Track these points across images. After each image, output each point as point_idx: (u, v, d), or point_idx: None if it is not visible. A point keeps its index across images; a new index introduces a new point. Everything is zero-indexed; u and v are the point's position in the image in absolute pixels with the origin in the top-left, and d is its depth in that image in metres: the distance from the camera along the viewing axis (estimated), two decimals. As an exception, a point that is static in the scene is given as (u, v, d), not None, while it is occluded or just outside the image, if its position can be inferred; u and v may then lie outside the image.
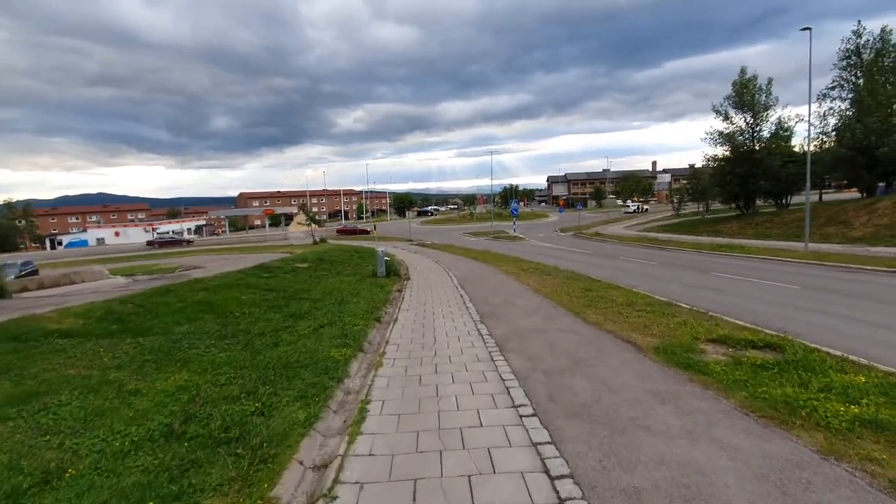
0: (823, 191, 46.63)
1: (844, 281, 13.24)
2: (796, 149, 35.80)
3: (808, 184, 21.01)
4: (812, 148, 35.83)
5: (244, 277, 13.99)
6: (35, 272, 18.92)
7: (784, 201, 37.86)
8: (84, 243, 65.17)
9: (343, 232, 55.69)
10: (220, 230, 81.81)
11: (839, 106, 30.80)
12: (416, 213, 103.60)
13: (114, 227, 74.19)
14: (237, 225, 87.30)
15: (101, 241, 66.10)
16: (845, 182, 45.82)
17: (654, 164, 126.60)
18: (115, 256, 37.68)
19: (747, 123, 35.35)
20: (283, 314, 9.44)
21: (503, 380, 5.55)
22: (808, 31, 18.68)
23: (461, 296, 12.18)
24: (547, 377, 5.62)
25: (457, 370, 6.06)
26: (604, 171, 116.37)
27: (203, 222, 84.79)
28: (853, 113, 29.04)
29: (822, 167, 31.50)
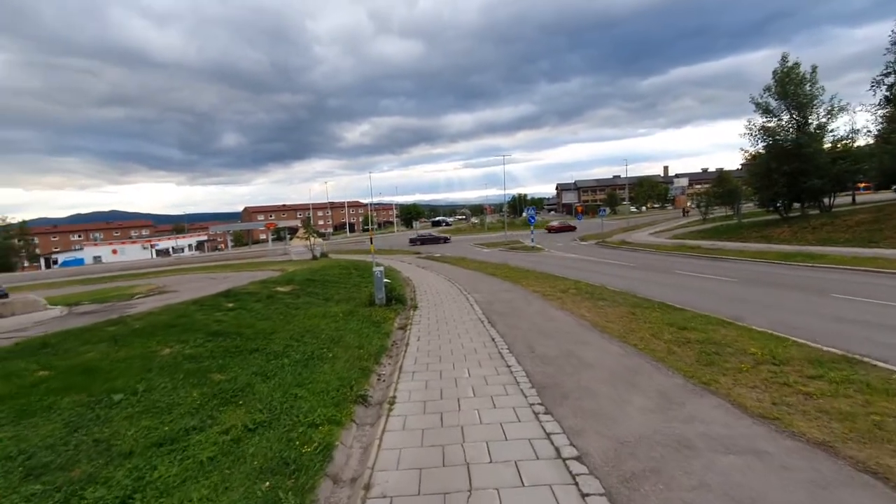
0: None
1: None
2: (827, 145, 31.51)
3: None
4: (861, 143, 31.68)
5: (193, 311, 10.20)
6: (4, 295, 14.44)
7: (829, 202, 33.53)
8: (80, 262, 62.41)
9: (554, 230, 54.56)
10: (223, 245, 78.94)
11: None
12: (430, 224, 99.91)
13: (111, 244, 71.59)
14: (241, 240, 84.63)
15: (97, 258, 63.29)
16: (865, 184, 41.09)
17: (665, 168, 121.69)
18: (97, 277, 34.27)
19: (792, 116, 31.34)
20: (207, 391, 5.61)
21: None
22: None
23: (493, 339, 8.27)
24: None
25: None
26: (614, 177, 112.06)
27: (204, 238, 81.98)
28: None
29: (892, 160, 27.20)
